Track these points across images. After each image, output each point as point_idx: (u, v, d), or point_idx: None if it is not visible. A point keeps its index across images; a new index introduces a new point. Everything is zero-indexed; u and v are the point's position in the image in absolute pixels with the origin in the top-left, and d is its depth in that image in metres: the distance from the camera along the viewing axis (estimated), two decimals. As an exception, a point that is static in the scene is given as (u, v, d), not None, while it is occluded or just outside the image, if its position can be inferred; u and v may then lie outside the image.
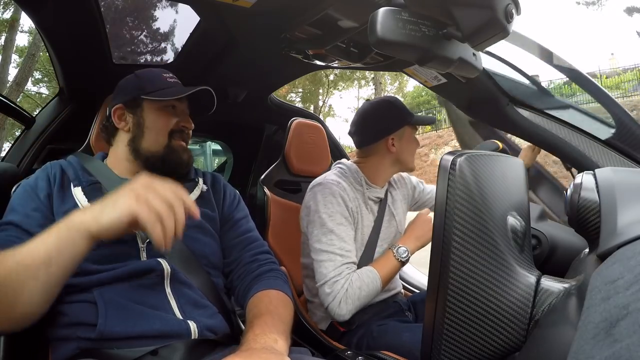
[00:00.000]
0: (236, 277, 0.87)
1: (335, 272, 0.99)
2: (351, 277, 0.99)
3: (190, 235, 0.81)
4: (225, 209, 0.94)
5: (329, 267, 0.99)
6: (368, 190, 1.16)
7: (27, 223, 0.71)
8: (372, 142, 1.17)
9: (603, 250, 0.40)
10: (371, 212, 1.16)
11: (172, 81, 0.88)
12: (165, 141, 0.86)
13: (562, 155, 1.06)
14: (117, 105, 0.87)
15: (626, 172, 0.57)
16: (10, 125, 9.21)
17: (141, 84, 0.86)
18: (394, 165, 1.19)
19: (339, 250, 1.01)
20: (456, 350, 0.44)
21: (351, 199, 1.10)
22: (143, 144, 0.85)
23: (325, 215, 1.05)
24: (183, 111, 0.90)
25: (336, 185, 1.09)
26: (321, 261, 1.01)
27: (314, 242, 1.04)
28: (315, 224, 1.06)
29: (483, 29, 0.51)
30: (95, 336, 0.64)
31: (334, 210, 1.06)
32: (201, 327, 0.72)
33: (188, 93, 0.83)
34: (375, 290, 1.00)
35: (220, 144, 2.09)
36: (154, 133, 0.85)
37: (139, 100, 0.85)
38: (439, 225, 0.44)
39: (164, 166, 0.86)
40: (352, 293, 0.97)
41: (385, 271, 1.02)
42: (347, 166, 1.19)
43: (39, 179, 0.80)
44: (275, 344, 0.64)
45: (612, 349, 0.22)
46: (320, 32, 0.87)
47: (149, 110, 0.86)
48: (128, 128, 0.87)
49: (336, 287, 0.97)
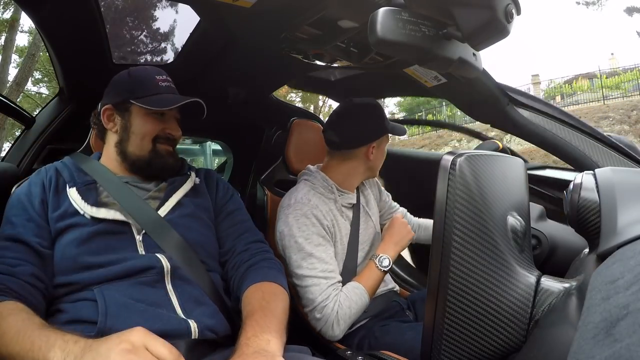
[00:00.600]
0: (231, 267, 0.88)
1: (322, 296, 0.96)
2: (339, 298, 0.96)
3: (185, 224, 0.83)
4: (219, 200, 0.95)
5: (315, 293, 0.96)
6: (340, 197, 1.12)
7: (25, 234, 0.72)
8: (354, 147, 1.11)
9: (603, 250, 0.41)
10: (347, 219, 1.13)
11: (164, 85, 0.88)
12: (150, 146, 0.86)
13: (562, 155, 1.05)
14: (106, 105, 0.88)
15: (626, 172, 0.57)
16: (10, 125, 9.21)
17: (132, 86, 0.86)
18: (365, 173, 1.17)
19: (322, 274, 0.98)
20: (456, 350, 0.44)
21: (325, 215, 1.05)
22: (129, 148, 0.86)
23: (302, 239, 1.00)
24: (171, 117, 0.90)
25: (307, 205, 1.04)
26: (306, 287, 0.98)
27: (295, 268, 1.00)
28: (292, 249, 1.01)
29: (483, 29, 0.51)
30: (95, 334, 0.64)
31: (309, 232, 1.01)
32: (202, 327, 0.72)
33: (176, 105, 0.84)
34: (364, 305, 0.99)
35: (220, 144, 2.09)
36: (139, 138, 0.86)
37: (127, 104, 0.85)
38: (439, 225, 0.44)
39: (150, 169, 0.87)
40: (342, 314, 0.95)
41: (370, 283, 1.01)
42: (314, 175, 1.14)
43: (32, 184, 0.80)
44: (268, 345, 0.64)
45: (612, 349, 0.22)
46: (320, 32, 0.87)
47: (136, 114, 0.86)
48: (116, 130, 0.88)
49: (326, 312, 0.95)
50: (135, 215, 0.78)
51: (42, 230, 0.74)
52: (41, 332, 0.58)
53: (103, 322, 0.65)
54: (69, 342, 0.56)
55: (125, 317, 0.67)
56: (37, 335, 0.58)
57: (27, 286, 0.68)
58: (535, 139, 1.09)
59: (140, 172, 0.88)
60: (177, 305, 0.73)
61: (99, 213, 0.76)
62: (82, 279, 0.71)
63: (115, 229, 0.77)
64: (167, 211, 0.83)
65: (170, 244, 0.78)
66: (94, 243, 0.74)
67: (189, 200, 0.87)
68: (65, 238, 0.74)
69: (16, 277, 0.67)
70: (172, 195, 0.86)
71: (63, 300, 0.71)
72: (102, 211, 0.77)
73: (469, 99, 1.14)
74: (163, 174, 0.89)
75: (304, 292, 0.99)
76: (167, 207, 0.84)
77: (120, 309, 0.68)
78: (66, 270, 0.72)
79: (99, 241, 0.74)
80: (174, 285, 0.75)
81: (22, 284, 0.67)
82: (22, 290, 0.66)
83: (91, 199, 0.78)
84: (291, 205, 1.06)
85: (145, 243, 0.78)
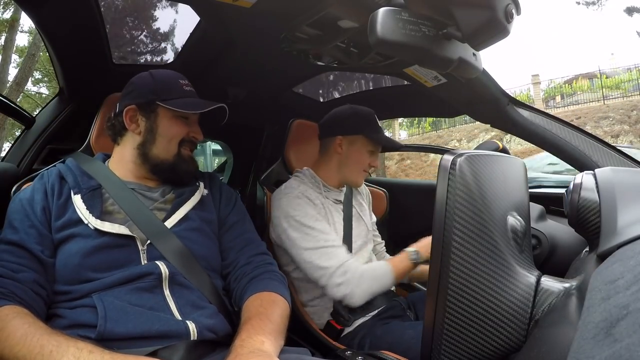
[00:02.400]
0: (233, 279, 0.87)
1: (337, 261, 0.99)
2: (359, 264, 1.01)
3: (190, 237, 0.82)
4: (222, 210, 0.94)
5: (328, 260, 0.99)
6: (326, 192, 1.18)
7: (27, 241, 0.72)
8: (323, 135, 1.22)
9: (603, 250, 0.41)
10: (337, 212, 1.18)
11: (187, 90, 0.89)
12: (176, 150, 0.86)
13: (562, 155, 1.05)
14: (130, 105, 0.86)
15: (626, 172, 0.57)
16: (10, 125, 9.20)
17: (157, 88, 0.85)
18: (339, 171, 1.20)
19: (328, 243, 1.02)
20: (456, 350, 0.44)
21: (315, 198, 1.12)
22: (153, 150, 0.85)
23: (299, 217, 1.05)
24: (194, 121, 0.91)
25: (297, 189, 1.11)
26: (314, 259, 1.00)
27: (300, 243, 1.02)
28: (292, 228, 1.04)
29: (483, 29, 0.51)
30: (95, 337, 0.64)
31: (304, 210, 1.06)
32: (201, 328, 0.72)
33: (207, 109, 0.84)
34: (387, 283, 1.02)
35: (220, 144, 2.09)
36: (166, 140, 0.85)
37: (154, 105, 0.85)
38: (439, 225, 0.44)
39: (172, 174, 0.87)
40: (364, 279, 0.98)
41: (399, 267, 1.04)
42: (303, 172, 1.22)
43: (35, 191, 0.79)
44: (262, 345, 0.64)
45: (612, 349, 0.22)
46: (320, 32, 0.87)
47: (163, 117, 0.85)
48: (139, 131, 0.86)
49: (347, 275, 0.97)
50: (142, 226, 0.77)
51: (44, 239, 0.74)
52: (50, 337, 0.58)
53: (103, 325, 0.65)
54: (83, 350, 0.56)
55: (124, 321, 0.67)
56: (46, 339, 0.57)
57: (30, 292, 0.67)
58: (535, 139, 1.09)
59: (160, 175, 0.87)
60: (174, 309, 0.73)
61: (103, 226, 0.75)
62: (82, 289, 0.71)
63: (119, 243, 0.76)
64: (173, 224, 0.82)
65: (173, 252, 0.78)
66: (97, 257, 0.73)
67: (195, 214, 0.86)
68: (69, 247, 0.74)
69: (19, 283, 0.67)
70: (179, 208, 0.84)
71: (62, 306, 0.71)
72: (107, 225, 0.75)
73: (469, 99, 1.14)
74: (184, 179, 0.89)
75: (313, 266, 1.01)
76: (174, 219, 0.82)
77: (119, 313, 0.68)
78: (67, 280, 0.72)
79: (102, 255, 0.73)
80: (172, 290, 0.75)
81: (24, 289, 0.67)
82: (25, 296, 0.66)
83: (96, 210, 0.77)
84: (281, 192, 1.13)
85: (149, 254, 0.77)
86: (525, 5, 0.58)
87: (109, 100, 1.05)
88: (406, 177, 11.81)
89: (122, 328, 0.66)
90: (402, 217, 1.48)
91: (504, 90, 1.09)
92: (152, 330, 0.67)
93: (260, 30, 0.93)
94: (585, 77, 15.13)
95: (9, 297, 0.64)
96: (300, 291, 1.16)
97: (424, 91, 1.12)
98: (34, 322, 0.61)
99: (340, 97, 1.67)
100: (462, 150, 0.48)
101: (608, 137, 9.97)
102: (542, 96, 14.27)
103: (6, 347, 0.58)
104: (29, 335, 0.58)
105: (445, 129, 14.03)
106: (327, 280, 0.99)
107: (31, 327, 0.60)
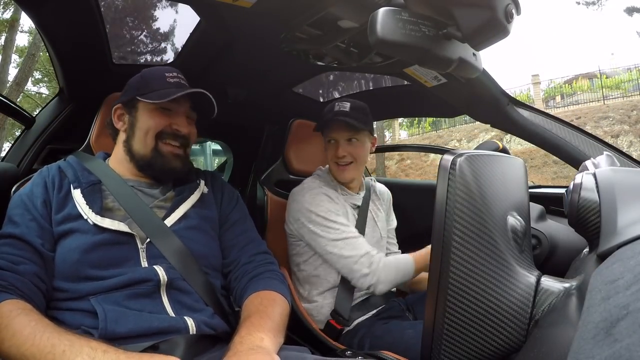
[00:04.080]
0: (234, 278, 0.87)
1: (363, 250, 1.03)
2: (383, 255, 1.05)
3: (189, 236, 0.82)
4: (224, 208, 0.94)
5: (352, 250, 1.03)
6: (344, 196, 1.20)
7: (28, 234, 0.72)
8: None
9: (603, 250, 0.41)
10: (352, 216, 1.19)
11: (172, 81, 0.86)
12: (152, 144, 0.84)
13: (562, 155, 1.05)
14: (117, 105, 0.88)
15: (626, 172, 0.57)
16: (10, 125, 9.20)
17: (140, 84, 0.86)
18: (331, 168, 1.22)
19: (350, 234, 1.06)
20: (456, 350, 0.44)
21: (334, 197, 1.15)
22: (134, 145, 0.85)
23: (322, 212, 1.08)
24: (181, 114, 0.87)
25: (317, 187, 1.15)
26: (340, 249, 1.04)
27: (326, 235, 1.06)
28: (314, 223, 1.08)
29: (483, 29, 0.51)
30: (98, 337, 0.65)
31: (325, 206, 1.10)
32: (199, 323, 0.72)
33: (176, 95, 0.81)
34: (408, 274, 1.06)
35: (220, 144, 2.09)
36: (143, 133, 0.84)
37: (134, 101, 0.85)
38: (439, 225, 0.44)
39: (151, 169, 0.85)
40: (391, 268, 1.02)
41: (420, 261, 1.07)
42: (323, 170, 1.26)
43: (34, 185, 0.79)
44: (262, 342, 0.64)
45: (612, 349, 0.22)
46: (320, 32, 0.87)
47: (143, 110, 0.85)
48: (125, 128, 0.87)
49: (373, 265, 1.01)
50: (141, 224, 0.77)
51: (45, 232, 0.74)
52: (61, 336, 0.57)
53: (104, 328, 0.66)
54: (97, 350, 0.55)
55: (124, 322, 0.67)
56: (57, 338, 0.57)
57: (30, 285, 0.67)
58: (535, 139, 1.09)
59: (145, 172, 0.87)
60: (171, 313, 0.73)
61: (103, 222, 0.75)
62: (80, 289, 0.71)
63: (119, 240, 0.75)
64: (172, 222, 0.82)
65: (173, 251, 0.78)
66: (97, 254, 0.73)
67: (195, 212, 0.86)
68: (68, 242, 0.74)
69: (19, 275, 0.67)
70: (179, 206, 0.84)
71: (61, 308, 0.71)
72: (107, 221, 0.75)
73: (469, 99, 1.14)
74: (165, 177, 0.87)
75: (339, 256, 1.05)
76: (173, 218, 0.82)
77: (119, 315, 0.68)
78: (66, 276, 0.72)
79: (101, 252, 0.73)
80: (170, 295, 0.75)
81: (25, 282, 0.67)
82: (26, 289, 0.66)
83: (96, 205, 0.77)
84: (303, 189, 1.16)
85: (148, 252, 0.77)
86: (525, 5, 0.58)
87: (109, 100, 1.05)
88: (406, 177, 11.81)
89: (123, 328, 0.66)
90: (402, 217, 1.48)
91: (504, 90, 1.10)
92: (152, 328, 0.68)
93: (260, 30, 0.93)
94: (585, 77, 15.14)
95: (9, 290, 0.64)
96: (304, 287, 1.17)
97: (424, 91, 1.12)
98: (40, 319, 0.61)
99: (340, 97, 1.67)
100: (462, 150, 0.48)
101: (608, 137, 9.97)
102: (542, 96, 14.27)
103: (13, 345, 0.57)
104: (38, 334, 0.57)
105: (445, 129, 14.03)
106: (352, 269, 1.03)
107: (39, 325, 0.59)
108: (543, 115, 1.10)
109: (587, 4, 12.43)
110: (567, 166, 1.18)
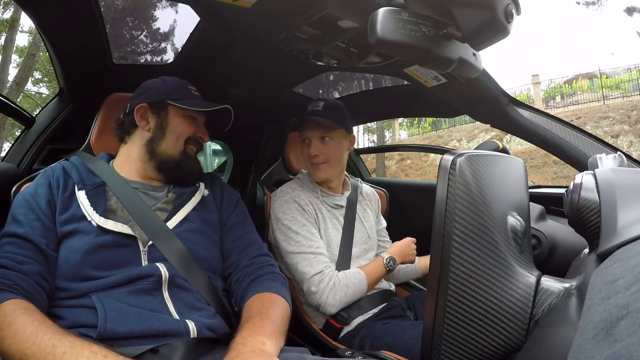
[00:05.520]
0: (234, 280, 0.87)
1: (314, 269, 1.03)
2: (336, 274, 1.04)
3: (191, 239, 0.82)
4: (224, 210, 0.94)
5: (306, 266, 1.04)
6: (325, 197, 1.20)
7: (32, 234, 0.72)
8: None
9: (603, 250, 0.41)
10: (335, 217, 1.19)
11: (196, 94, 0.93)
12: (182, 147, 0.89)
13: (562, 155, 1.05)
14: (141, 103, 0.89)
15: (626, 172, 0.57)
16: (10, 125, 9.20)
17: (168, 89, 0.90)
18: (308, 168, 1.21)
19: (309, 249, 1.06)
20: (456, 350, 0.44)
21: (306, 203, 1.14)
22: (162, 146, 0.87)
23: (287, 221, 1.09)
24: (201, 123, 0.94)
25: (289, 194, 1.15)
26: (296, 263, 1.06)
27: (285, 246, 1.08)
28: (279, 231, 1.10)
29: (483, 29, 0.51)
30: (96, 337, 0.65)
31: (292, 215, 1.10)
32: (200, 326, 0.72)
33: (213, 108, 0.88)
34: (361, 291, 1.06)
35: (220, 144, 2.09)
36: (175, 137, 0.88)
37: (164, 104, 0.88)
38: (439, 225, 0.44)
39: (178, 171, 0.89)
40: (339, 288, 1.02)
41: (372, 275, 1.09)
42: (303, 174, 1.25)
43: (38, 185, 0.79)
44: (264, 345, 0.64)
45: (612, 349, 0.22)
46: (320, 32, 0.87)
47: (173, 115, 0.89)
48: (149, 128, 0.89)
49: (322, 285, 1.02)
50: (144, 226, 0.78)
51: (49, 232, 0.74)
52: (63, 338, 0.58)
53: (103, 326, 0.66)
54: (97, 354, 0.56)
55: (124, 321, 0.67)
56: (58, 339, 0.57)
57: (34, 284, 0.67)
58: (535, 139, 1.09)
59: (166, 172, 0.88)
60: (173, 311, 0.73)
61: (106, 224, 0.75)
62: (82, 288, 0.71)
63: (121, 242, 0.76)
64: (174, 224, 0.82)
65: (174, 254, 0.78)
66: (99, 255, 0.73)
67: (196, 215, 0.87)
68: (71, 243, 0.74)
69: (23, 275, 0.67)
70: (180, 209, 0.85)
71: (61, 305, 0.71)
72: (110, 223, 0.76)
73: (469, 99, 1.14)
74: (188, 178, 0.91)
75: (294, 270, 1.06)
76: (175, 220, 0.83)
77: (119, 314, 0.68)
78: (68, 276, 0.72)
79: (104, 254, 0.74)
80: (171, 292, 0.75)
81: (29, 281, 0.67)
82: (30, 288, 0.66)
83: (100, 207, 0.78)
84: (276, 194, 1.18)
85: (150, 255, 0.77)
86: (525, 5, 0.58)
87: (109, 100, 1.05)
88: (406, 177, 11.81)
89: (122, 328, 0.66)
90: (402, 217, 1.49)
91: (504, 90, 1.09)
92: (153, 329, 0.68)
93: (260, 30, 0.93)
94: (585, 77, 15.13)
95: (13, 290, 0.64)
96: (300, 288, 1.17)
97: (424, 91, 1.12)
98: (43, 319, 0.61)
99: (340, 97, 1.67)
100: (462, 150, 0.48)
101: (608, 137, 9.97)
102: (542, 96, 14.26)
103: (14, 343, 0.57)
104: (40, 334, 0.58)
105: (445, 129, 14.03)
106: (303, 284, 1.05)
107: (41, 325, 0.59)
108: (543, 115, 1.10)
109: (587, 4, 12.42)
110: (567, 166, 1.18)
